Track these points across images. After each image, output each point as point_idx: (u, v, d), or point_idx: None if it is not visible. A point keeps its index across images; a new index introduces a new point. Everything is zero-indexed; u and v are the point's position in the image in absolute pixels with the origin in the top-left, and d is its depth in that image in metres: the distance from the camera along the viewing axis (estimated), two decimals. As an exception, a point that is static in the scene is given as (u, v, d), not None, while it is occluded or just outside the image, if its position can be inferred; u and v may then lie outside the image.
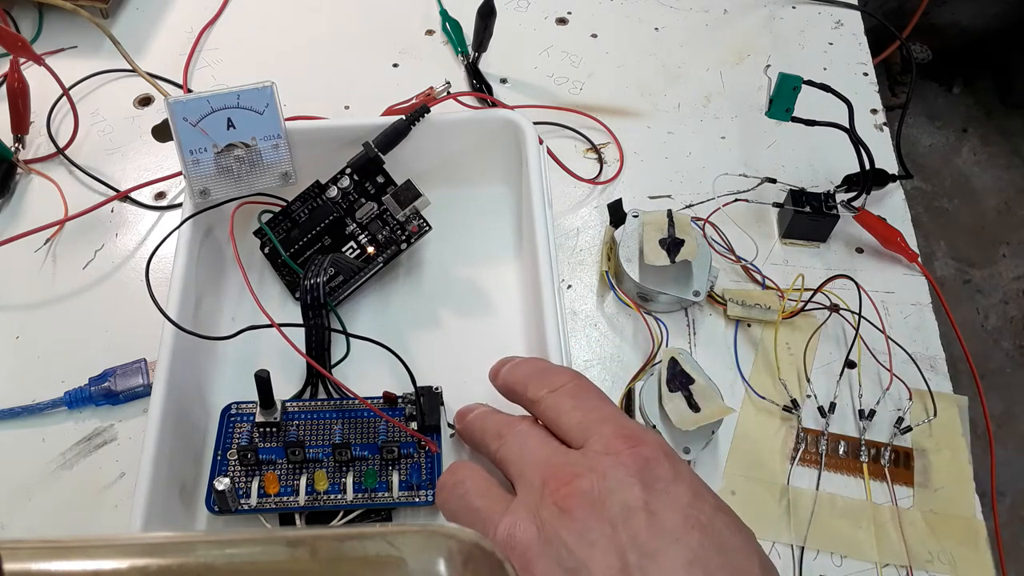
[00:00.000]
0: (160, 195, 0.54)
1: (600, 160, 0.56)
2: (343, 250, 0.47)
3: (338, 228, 0.47)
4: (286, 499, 0.39)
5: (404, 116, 0.47)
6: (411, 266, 0.50)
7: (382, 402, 0.42)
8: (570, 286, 0.50)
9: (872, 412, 0.45)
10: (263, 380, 0.40)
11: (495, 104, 0.57)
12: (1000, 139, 1.55)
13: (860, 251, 0.52)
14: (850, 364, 0.47)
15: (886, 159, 0.55)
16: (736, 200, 0.52)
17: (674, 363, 0.43)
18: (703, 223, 0.51)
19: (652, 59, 0.63)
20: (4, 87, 0.57)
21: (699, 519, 0.29)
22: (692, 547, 0.28)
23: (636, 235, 0.48)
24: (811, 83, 0.48)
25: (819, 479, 0.44)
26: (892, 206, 0.54)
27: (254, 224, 0.48)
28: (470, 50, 0.61)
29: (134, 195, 0.54)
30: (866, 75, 0.62)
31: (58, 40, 0.62)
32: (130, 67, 0.58)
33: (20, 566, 0.18)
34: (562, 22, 0.65)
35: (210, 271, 0.47)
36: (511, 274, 0.49)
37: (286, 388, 0.44)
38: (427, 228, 0.47)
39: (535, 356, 0.41)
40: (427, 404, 0.42)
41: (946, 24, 1.47)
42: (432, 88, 0.55)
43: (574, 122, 0.58)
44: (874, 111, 0.59)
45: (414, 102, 0.55)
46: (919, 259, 0.51)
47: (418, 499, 0.40)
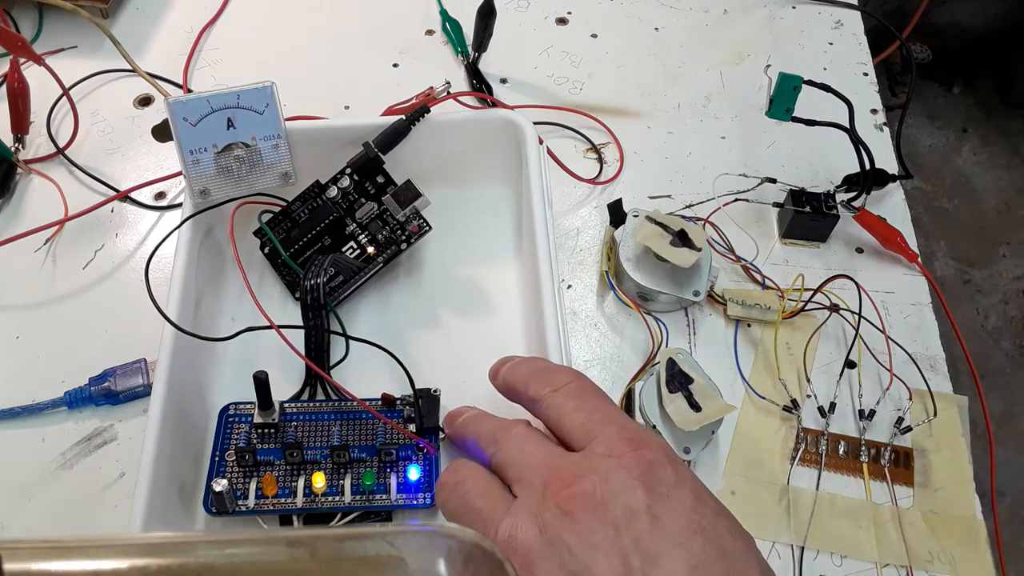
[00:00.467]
0: (160, 195, 0.54)
1: (600, 160, 0.56)
2: (343, 250, 0.47)
3: (338, 228, 0.47)
4: (284, 501, 0.39)
5: (404, 116, 0.47)
6: (411, 266, 0.50)
7: (380, 404, 0.42)
8: (570, 286, 0.50)
9: (872, 412, 0.45)
10: (261, 381, 0.40)
11: (495, 104, 0.57)
12: (1000, 139, 1.55)
13: (860, 251, 0.52)
14: (850, 364, 0.47)
15: (886, 159, 0.55)
16: (736, 200, 0.52)
17: (672, 364, 0.43)
18: (703, 223, 0.51)
19: (652, 59, 0.63)
20: (4, 87, 0.57)
21: (701, 523, 0.29)
22: (694, 551, 0.28)
23: (636, 237, 0.48)
24: (811, 83, 0.48)
25: (819, 479, 0.44)
26: (892, 206, 0.54)
27: (254, 224, 0.48)
28: (470, 50, 0.61)
29: (134, 195, 0.54)
30: (866, 75, 0.62)
31: (58, 40, 0.62)
32: (130, 67, 0.58)
33: (20, 566, 0.18)
34: (562, 22, 0.65)
35: (210, 271, 0.47)
36: (511, 274, 0.49)
37: (286, 388, 0.44)
38: (427, 228, 0.47)
39: (535, 356, 0.41)
40: (425, 406, 0.42)
41: (946, 24, 1.47)
42: (432, 88, 0.55)
43: (574, 122, 0.58)
44: (874, 111, 0.59)
45: (414, 102, 0.55)
46: (919, 259, 0.51)
47: (416, 501, 0.40)
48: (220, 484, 0.37)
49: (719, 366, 0.47)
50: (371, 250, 0.47)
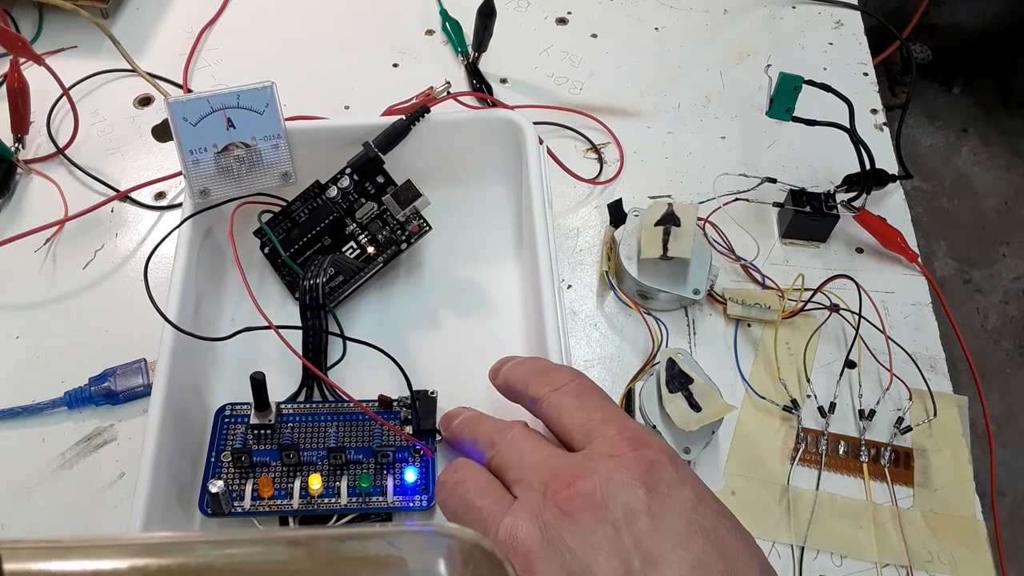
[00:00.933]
0: (160, 195, 0.54)
1: (600, 160, 0.56)
2: (343, 250, 0.47)
3: (338, 228, 0.47)
4: (280, 502, 0.39)
5: (404, 116, 0.47)
6: (411, 266, 0.50)
7: (377, 405, 0.42)
8: (570, 286, 0.50)
9: (872, 412, 0.45)
10: (258, 382, 0.40)
11: (495, 104, 0.57)
12: (1000, 139, 1.54)
13: (860, 251, 0.52)
14: (850, 364, 0.47)
15: (886, 159, 0.55)
16: (736, 200, 0.52)
17: (672, 364, 0.43)
18: (703, 223, 0.51)
19: (652, 59, 0.63)
20: (4, 87, 0.57)
21: (702, 524, 0.29)
22: (695, 552, 0.28)
23: (636, 233, 0.48)
24: (811, 83, 0.48)
25: (819, 479, 0.44)
26: (892, 206, 0.54)
27: (254, 224, 0.48)
28: (470, 50, 0.61)
29: (134, 195, 0.54)
30: (866, 75, 0.62)
31: (58, 40, 0.62)
32: (130, 67, 0.58)
33: (20, 566, 0.18)
34: (562, 22, 0.65)
35: (210, 271, 0.47)
36: (511, 274, 0.49)
37: (285, 389, 0.44)
38: (427, 228, 0.47)
39: (535, 356, 0.41)
40: (422, 408, 0.41)
41: (946, 24, 1.47)
42: (432, 88, 0.55)
43: (574, 122, 0.58)
44: (874, 111, 0.59)
45: (414, 102, 0.54)
46: (919, 259, 0.51)
47: (412, 503, 0.40)
48: (216, 485, 0.37)
49: (719, 366, 0.47)
50: (371, 250, 0.47)
